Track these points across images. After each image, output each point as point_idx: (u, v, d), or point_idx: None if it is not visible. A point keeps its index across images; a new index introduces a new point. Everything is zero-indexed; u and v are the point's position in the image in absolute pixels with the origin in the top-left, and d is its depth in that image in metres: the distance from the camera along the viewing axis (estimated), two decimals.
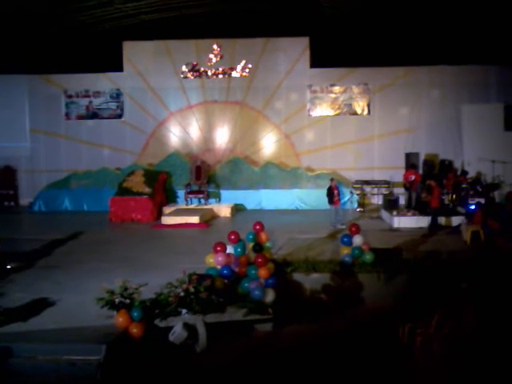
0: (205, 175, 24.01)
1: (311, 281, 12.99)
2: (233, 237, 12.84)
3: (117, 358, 8.57)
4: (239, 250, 12.66)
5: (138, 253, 16.04)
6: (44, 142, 26.42)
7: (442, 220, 19.00)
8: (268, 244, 13.69)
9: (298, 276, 13.30)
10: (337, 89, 25.54)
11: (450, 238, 17.36)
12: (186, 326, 9.55)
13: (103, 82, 26.23)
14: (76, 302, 11.38)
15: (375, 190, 23.99)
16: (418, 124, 25.09)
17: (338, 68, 25.24)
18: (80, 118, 26.43)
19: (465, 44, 23.51)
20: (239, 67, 25.59)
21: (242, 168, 24.99)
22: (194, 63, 25.69)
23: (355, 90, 25.47)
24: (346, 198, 22.16)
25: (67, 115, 26.42)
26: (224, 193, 24.45)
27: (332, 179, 20.01)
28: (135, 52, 26.08)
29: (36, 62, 25.15)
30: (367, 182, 23.95)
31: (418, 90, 25.15)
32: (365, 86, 25.40)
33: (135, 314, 9.71)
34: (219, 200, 24.30)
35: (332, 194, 19.39)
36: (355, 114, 25.57)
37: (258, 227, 13.61)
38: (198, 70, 25.75)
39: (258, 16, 24.70)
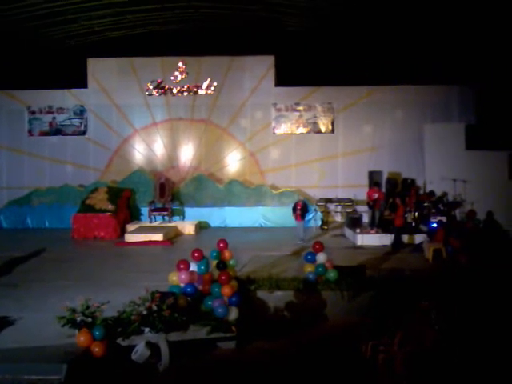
0: (169, 192, 23.92)
1: (275, 298, 12.99)
2: (196, 254, 12.78)
3: (78, 378, 8.46)
4: (203, 267, 12.61)
5: (100, 270, 15.90)
6: (6, 158, 26.02)
7: (404, 238, 19.21)
8: (232, 262, 13.68)
9: (261, 294, 13.29)
10: (301, 107, 25.72)
11: (412, 256, 17.55)
12: (149, 344, 9.49)
13: (67, 98, 25.98)
14: (37, 320, 11.22)
15: (339, 208, 24.24)
16: (381, 143, 25.35)
17: (303, 87, 25.41)
18: (43, 134, 26.09)
19: (427, 64, 23.88)
20: (204, 85, 25.58)
21: (206, 185, 24.91)
22: (159, 80, 25.63)
23: (319, 108, 25.65)
24: (310, 216, 22.27)
25: (30, 131, 26.09)
26: (188, 210, 24.33)
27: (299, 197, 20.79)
28: (100, 69, 25.90)
29: None
30: (331, 200, 24.17)
31: (382, 110, 25.40)
32: (329, 104, 25.60)
33: (97, 333, 9.61)
34: (183, 217, 24.21)
35: (295, 210, 19.82)
36: (319, 132, 25.73)
37: (221, 245, 13.62)
38: (163, 88, 25.69)
39: (223, 34, 24.85)
